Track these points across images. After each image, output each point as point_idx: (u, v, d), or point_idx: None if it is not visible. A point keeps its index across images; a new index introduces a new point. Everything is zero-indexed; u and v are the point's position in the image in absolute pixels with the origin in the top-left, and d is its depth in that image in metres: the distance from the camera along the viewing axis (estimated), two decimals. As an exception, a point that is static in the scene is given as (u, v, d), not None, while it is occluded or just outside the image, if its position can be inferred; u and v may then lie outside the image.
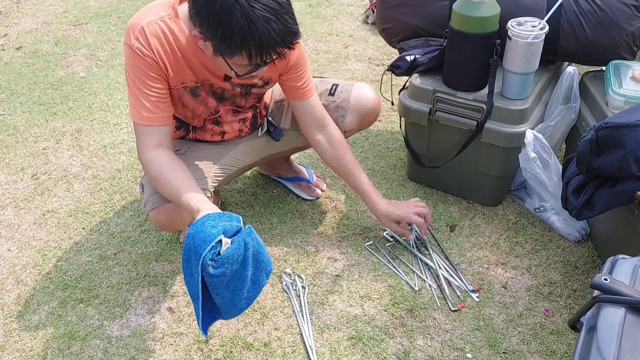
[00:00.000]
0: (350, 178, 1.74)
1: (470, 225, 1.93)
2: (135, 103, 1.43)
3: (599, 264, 1.75)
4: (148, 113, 1.42)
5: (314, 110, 1.68)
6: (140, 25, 1.39)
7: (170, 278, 1.78)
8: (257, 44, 1.24)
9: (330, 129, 1.71)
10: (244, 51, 1.25)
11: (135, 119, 1.44)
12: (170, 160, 1.43)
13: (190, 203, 1.35)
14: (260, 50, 1.26)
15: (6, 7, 3.66)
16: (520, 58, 1.69)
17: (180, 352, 1.57)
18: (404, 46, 1.97)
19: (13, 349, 1.60)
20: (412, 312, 1.64)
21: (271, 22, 1.22)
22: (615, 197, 1.46)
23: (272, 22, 1.22)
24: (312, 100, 1.67)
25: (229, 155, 1.73)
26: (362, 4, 3.50)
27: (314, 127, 1.70)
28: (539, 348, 1.54)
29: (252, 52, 1.26)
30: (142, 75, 1.40)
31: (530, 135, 1.73)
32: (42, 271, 1.83)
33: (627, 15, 1.73)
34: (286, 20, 1.24)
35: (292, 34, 1.27)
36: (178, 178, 1.41)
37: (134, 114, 1.44)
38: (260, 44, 1.24)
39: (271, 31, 1.22)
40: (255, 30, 1.21)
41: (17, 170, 2.27)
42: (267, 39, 1.23)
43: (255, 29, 1.21)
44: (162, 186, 1.43)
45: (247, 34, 1.22)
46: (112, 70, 2.93)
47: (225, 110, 1.64)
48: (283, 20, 1.24)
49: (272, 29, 1.22)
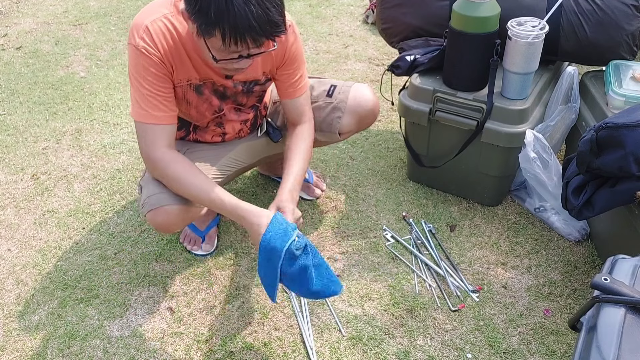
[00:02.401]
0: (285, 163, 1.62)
1: (470, 225, 1.93)
2: (142, 102, 1.42)
3: (599, 264, 1.75)
4: (157, 112, 1.43)
5: (299, 108, 1.66)
6: (144, 24, 1.38)
7: (170, 278, 1.78)
8: (231, 23, 1.22)
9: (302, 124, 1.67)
10: (218, 29, 1.24)
11: (142, 118, 1.43)
12: (185, 160, 1.47)
13: (223, 199, 1.42)
14: (235, 32, 1.23)
15: (6, 7, 3.66)
16: (520, 58, 1.69)
17: (180, 352, 1.57)
18: (404, 46, 1.97)
19: (13, 349, 1.60)
20: (412, 312, 1.64)
21: (250, 5, 1.20)
22: (615, 197, 1.46)
23: (250, 4, 1.20)
24: (302, 99, 1.65)
25: (228, 156, 1.72)
26: (362, 4, 3.50)
27: (292, 122, 1.68)
28: (539, 348, 1.54)
29: (226, 31, 1.23)
30: (148, 74, 1.40)
31: (530, 135, 1.73)
32: (42, 271, 1.83)
33: (627, 15, 1.73)
34: (268, 7, 1.23)
35: (272, 23, 1.25)
36: (201, 177, 1.45)
37: (139, 113, 1.43)
38: (234, 25, 1.22)
39: (248, 13, 1.21)
40: (232, 8, 1.20)
41: (17, 170, 2.27)
42: (242, 21, 1.21)
43: (232, 7, 1.20)
44: (184, 186, 1.45)
45: (224, 11, 1.20)
46: (112, 70, 2.93)
47: (228, 108, 1.64)
48: (264, 6, 1.22)
49: (250, 12, 1.21)
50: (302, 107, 1.66)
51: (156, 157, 1.45)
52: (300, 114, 1.67)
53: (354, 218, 1.97)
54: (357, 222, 1.95)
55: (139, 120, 1.44)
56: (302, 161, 1.60)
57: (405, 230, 1.91)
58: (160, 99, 1.43)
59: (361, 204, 2.02)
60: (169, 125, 1.46)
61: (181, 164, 1.46)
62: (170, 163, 1.45)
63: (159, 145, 1.45)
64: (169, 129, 1.47)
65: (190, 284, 1.76)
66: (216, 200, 1.43)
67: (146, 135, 1.45)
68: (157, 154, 1.45)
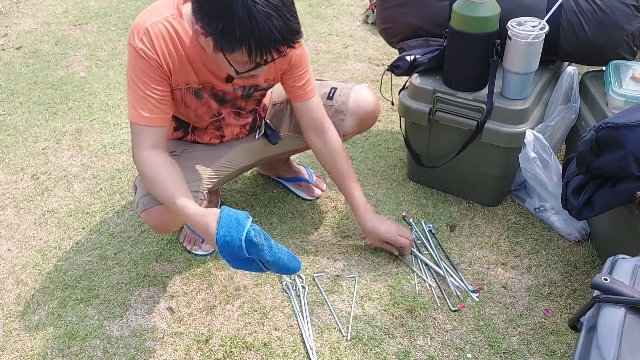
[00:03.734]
0: (344, 187, 1.75)
1: (470, 225, 1.93)
2: (135, 103, 1.43)
3: (599, 264, 1.75)
4: (147, 114, 1.42)
5: (314, 112, 1.67)
6: (144, 26, 1.38)
7: (170, 278, 1.78)
8: (257, 39, 1.23)
9: (329, 134, 1.70)
10: (244, 46, 1.25)
11: (134, 118, 1.44)
12: (165, 163, 1.44)
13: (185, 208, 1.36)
14: (261, 47, 1.25)
15: (6, 7, 3.66)
16: (520, 58, 1.69)
17: (180, 352, 1.57)
18: (404, 46, 1.97)
19: (13, 349, 1.60)
20: (412, 312, 1.64)
21: (272, 19, 1.21)
22: (615, 197, 1.46)
23: (273, 18, 1.21)
24: (313, 102, 1.66)
25: (225, 157, 1.72)
26: (362, 4, 3.50)
27: (312, 130, 1.70)
28: (539, 348, 1.54)
29: (252, 48, 1.25)
30: (143, 76, 1.40)
31: (530, 135, 1.73)
32: (42, 271, 1.83)
33: (627, 15, 1.73)
34: (288, 17, 1.24)
35: (293, 32, 1.27)
36: (172, 181, 1.41)
37: (132, 114, 1.44)
38: (260, 40, 1.23)
39: (272, 27, 1.22)
40: (256, 25, 1.21)
41: (17, 170, 2.27)
42: (267, 35, 1.23)
43: (256, 24, 1.21)
44: (156, 188, 1.43)
45: (248, 28, 1.21)
46: (112, 70, 2.93)
47: (227, 112, 1.64)
48: (284, 17, 1.23)
49: (273, 25, 1.22)
50: (317, 111, 1.68)
51: (138, 158, 1.45)
52: (318, 120, 1.68)
53: (353, 218, 1.97)
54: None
55: (130, 120, 1.45)
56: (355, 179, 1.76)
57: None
58: (153, 101, 1.42)
59: (361, 204, 2.02)
60: (158, 127, 1.45)
61: (159, 167, 1.43)
62: (148, 165, 1.43)
63: (143, 147, 1.44)
64: (158, 131, 1.45)
65: (190, 284, 1.76)
66: (178, 208, 1.37)
67: (134, 135, 1.45)
68: (140, 155, 1.44)
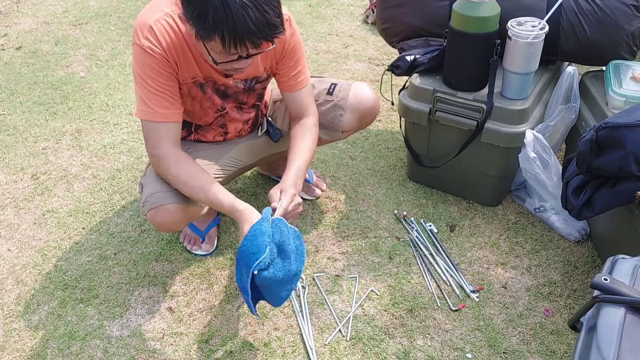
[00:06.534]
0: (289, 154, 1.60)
1: (470, 225, 1.93)
2: (148, 101, 1.44)
3: (599, 264, 1.75)
4: (163, 110, 1.45)
5: (302, 101, 1.66)
6: (148, 24, 1.39)
7: (170, 278, 1.78)
8: (230, 28, 1.23)
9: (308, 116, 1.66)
10: (217, 34, 1.24)
11: (149, 116, 1.45)
12: (188, 156, 1.50)
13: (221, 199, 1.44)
14: (234, 36, 1.24)
15: (6, 7, 3.66)
16: (520, 58, 1.69)
17: (180, 352, 1.57)
18: (404, 46, 1.97)
19: (13, 349, 1.60)
20: (412, 312, 1.64)
21: (248, 9, 1.21)
22: (615, 197, 1.46)
23: (249, 9, 1.21)
24: (303, 92, 1.65)
25: (228, 156, 1.73)
26: (362, 4, 3.50)
27: (296, 116, 1.68)
28: (539, 348, 1.54)
29: (225, 36, 1.24)
30: (153, 73, 1.41)
31: (530, 135, 1.73)
32: (42, 271, 1.83)
33: (627, 15, 1.73)
34: (265, 10, 1.23)
35: (270, 25, 1.26)
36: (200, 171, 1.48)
37: (145, 112, 1.45)
38: (233, 29, 1.23)
39: (247, 18, 1.21)
40: (230, 14, 1.21)
41: (17, 170, 2.27)
42: (241, 25, 1.22)
43: (230, 13, 1.21)
44: (184, 184, 1.47)
45: (222, 16, 1.21)
46: (112, 70, 2.93)
47: (230, 107, 1.65)
48: (262, 9, 1.23)
49: (248, 16, 1.21)
50: (304, 101, 1.66)
51: (160, 155, 1.47)
52: (303, 108, 1.67)
53: (354, 218, 1.97)
54: (357, 222, 1.95)
55: (145, 119, 1.46)
56: (308, 151, 1.60)
57: (405, 230, 1.91)
58: (167, 97, 1.45)
59: (361, 204, 2.02)
60: (174, 122, 1.48)
61: (184, 163, 1.48)
62: (173, 162, 1.47)
63: (165, 143, 1.47)
64: (175, 127, 1.49)
65: (190, 284, 1.76)
66: (214, 200, 1.45)
67: (152, 132, 1.47)
68: (161, 151, 1.47)
